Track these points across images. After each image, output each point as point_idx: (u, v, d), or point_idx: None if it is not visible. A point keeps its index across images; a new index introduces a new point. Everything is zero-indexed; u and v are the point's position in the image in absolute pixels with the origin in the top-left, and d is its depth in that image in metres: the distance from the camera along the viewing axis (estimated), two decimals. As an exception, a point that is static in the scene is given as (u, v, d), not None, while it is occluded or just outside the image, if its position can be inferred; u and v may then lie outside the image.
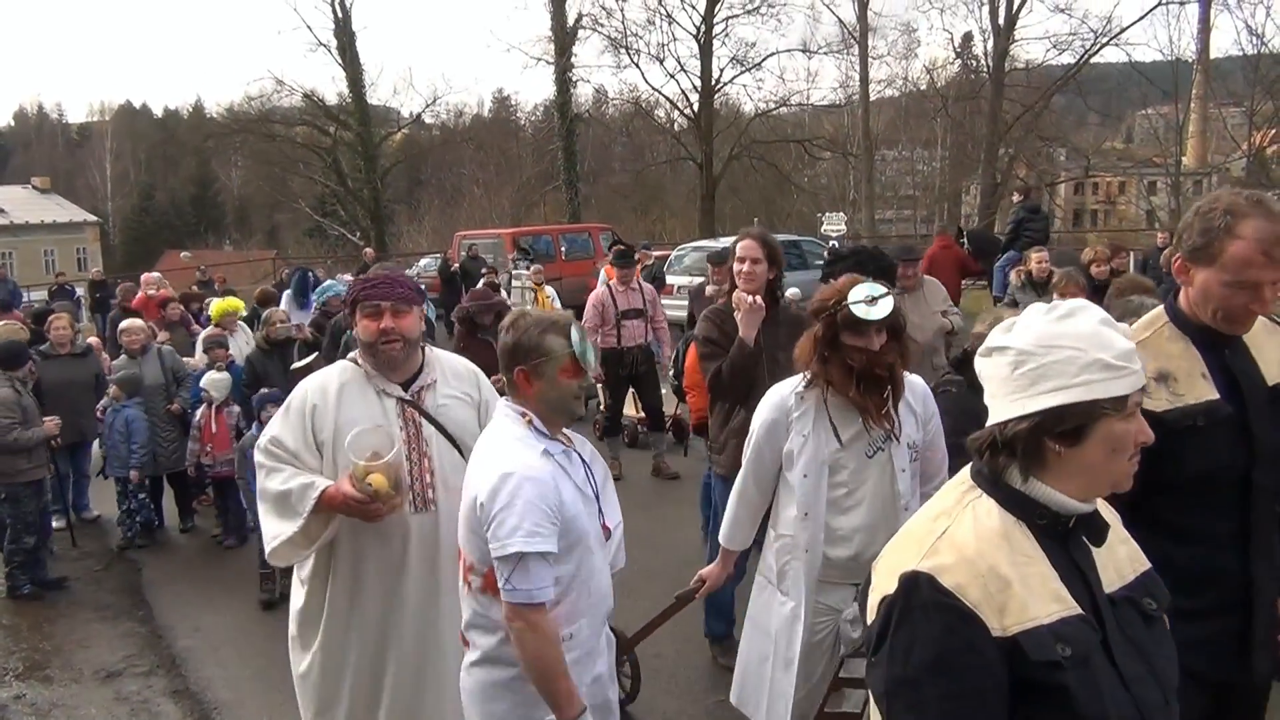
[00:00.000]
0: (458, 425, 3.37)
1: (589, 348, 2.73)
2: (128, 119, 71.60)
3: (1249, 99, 26.92)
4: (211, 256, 39.40)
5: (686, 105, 31.93)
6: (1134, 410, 1.64)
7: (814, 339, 3.18)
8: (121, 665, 5.71)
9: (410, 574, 3.29)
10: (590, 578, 2.70)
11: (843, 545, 3.23)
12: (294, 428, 3.26)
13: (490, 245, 19.89)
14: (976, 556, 1.60)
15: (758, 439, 3.34)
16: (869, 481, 3.20)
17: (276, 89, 33.61)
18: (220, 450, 7.38)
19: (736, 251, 4.49)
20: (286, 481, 3.18)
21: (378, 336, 3.21)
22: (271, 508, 3.25)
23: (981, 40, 30.22)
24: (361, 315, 3.25)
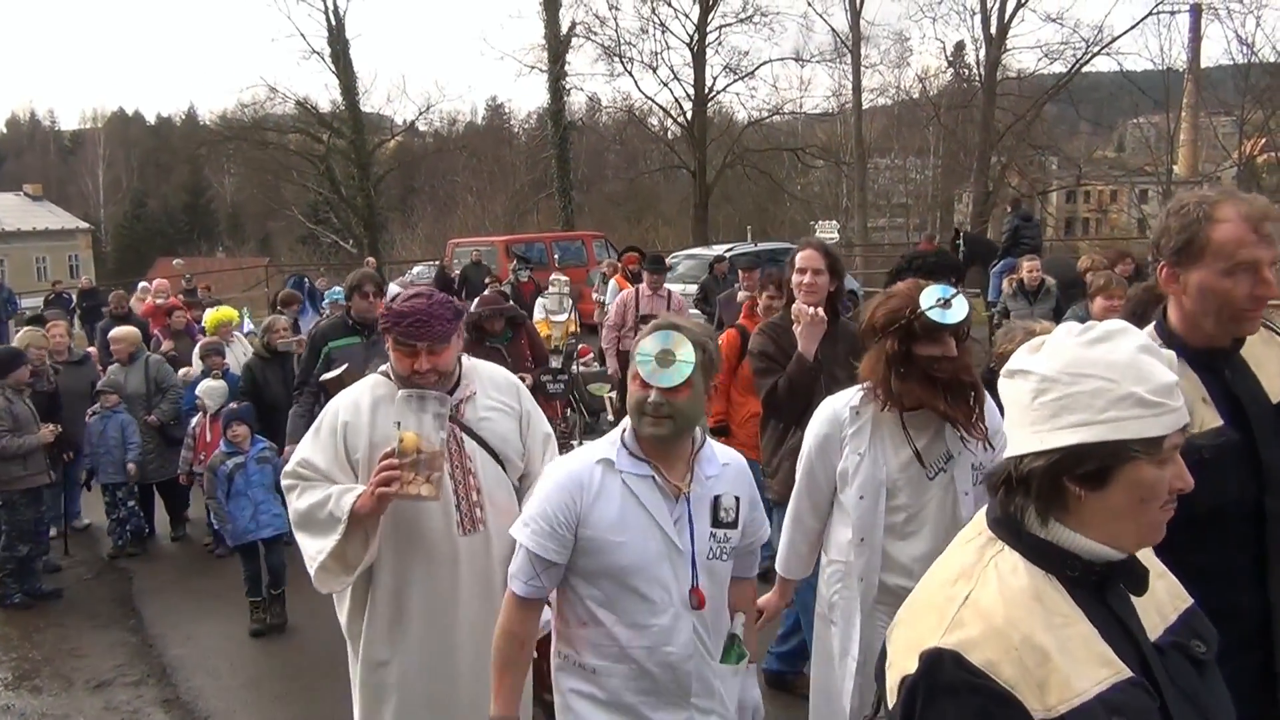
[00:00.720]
0: (500, 439, 3.20)
1: (650, 360, 2.42)
2: (120, 126, 71.51)
3: (1239, 108, 26.99)
4: (204, 264, 39.40)
5: (680, 113, 31.95)
6: (1171, 454, 1.43)
7: (885, 354, 2.90)
8: (112, 674, 5.69)
9: (462, 603, 3.10)
10: (636, 627, 2.47)
11: (901, 575, 2.95)
12: (325, 447, 3.09)
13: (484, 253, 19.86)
14: (1007, 625, 1.40)
15: (809, 456, 3.14)
16: (930, 506, 2.95)
17: (270, 96, 33.50)
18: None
19: (796, 262, 4.25)
20: (320, 494, 3.01)
21: (411, 374, 3.06)
22: (306, 525, 3.04)
23: (974, 49, 30.25)
24: (395, 347, 3.06)
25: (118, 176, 63.59)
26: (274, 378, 7.38)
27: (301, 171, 36.51)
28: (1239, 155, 27.46)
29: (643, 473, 2.48)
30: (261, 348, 7.63)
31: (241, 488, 6.15)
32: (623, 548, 2.44)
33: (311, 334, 6.52)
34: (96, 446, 7.61)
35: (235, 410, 6.42)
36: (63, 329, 8.30)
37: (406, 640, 3.11)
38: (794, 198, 37.16)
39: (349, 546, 2.96)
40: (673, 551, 2.47)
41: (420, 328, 2.99)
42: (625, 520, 2.45)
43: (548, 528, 2.45)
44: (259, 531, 6.13)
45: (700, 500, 2.53)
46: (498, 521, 3.08)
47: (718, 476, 2.58)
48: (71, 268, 47.20)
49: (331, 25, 31.56)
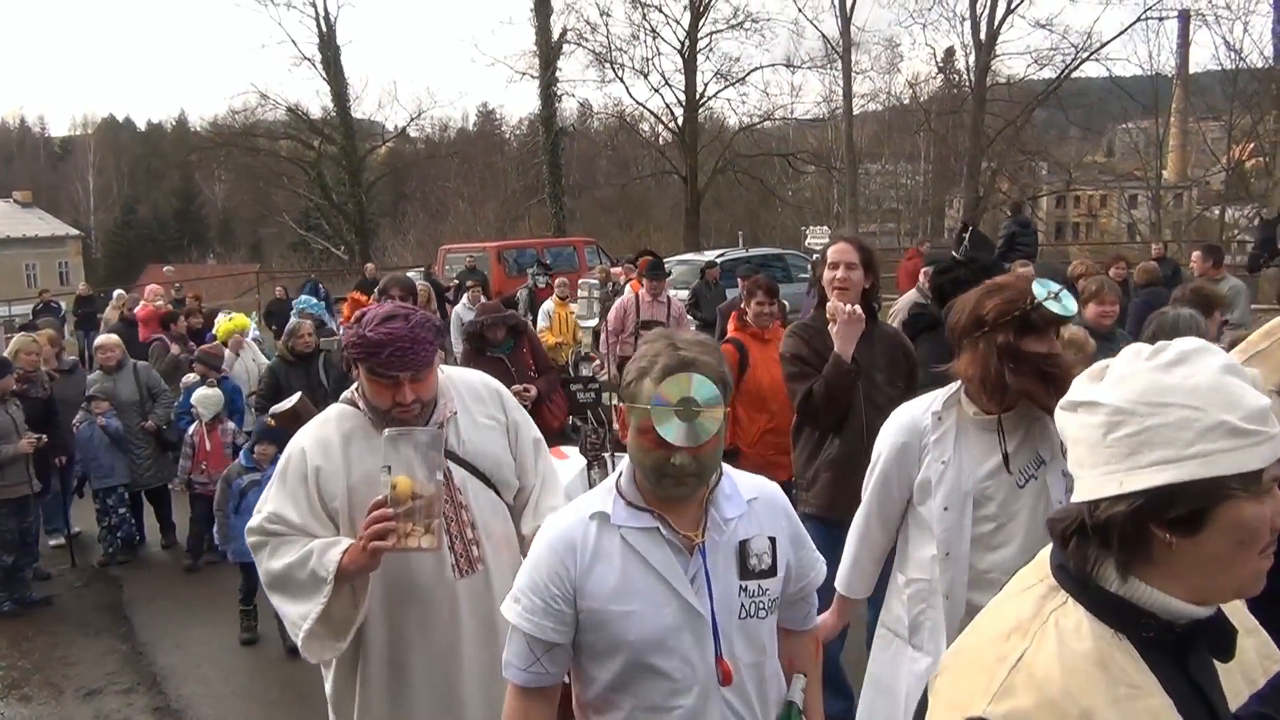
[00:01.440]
0: (491, 461, 2.80)
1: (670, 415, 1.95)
2: (110, 132, 71.33)
3: (1227, 113, 27.17)
4: (195, 271, 39.26)
5: (671, 119, 32.05)
6: (1271, 487, 1.23)
7: (996, 351, 2.65)
8: (102, 683, 5.68)
9: (465, 654, 2.71)
10: (657, 712, 2.07)
11: (991, 590, 2.72)
12: (296, 496, 2.64)
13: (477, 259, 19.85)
14: (1064, 697, 1.22)
15: (885, 468, 2.88)
16: (1021, 514, 2.72)
17: (260, 103, 33.59)
18: (215, 468, 7.23)
19: (828, 257, 3.96)
20: (298, 551, 2.57)
21: (391, 406, 2.60)
22: (283, 588, 2.61)
23: (964, 55, 30.42)
24: (370, 378, 2.61)
25: (108, 183, 63.40)
26: (297, 382, 7.08)
27: (293, 178, 36.58)
28: (1227, 160, 27.63)
29: (645, 525, 2.06)
30: (286, 351, 7.43)
31: (251, 505, 5.95)
32: (630, 619, 2.02)
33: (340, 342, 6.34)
34: (87, 453, 7.56)
35: (270, 430, 5.99)
36: (51, 338, 8.27)
37: (408, 707, 2.72)
38: (785, 203, 37.18)
39: (335, 607, 2.54)
40: (691, 617, 2.04)
41: (402, 357, 2.55)
42: (629, 586, 2.03)
43: (540, 602, 2.05)
44: None
45: (721, 549, 2.08)
46: (497, 556, 2.76)
47: (743, 516, 2.12)
48: (61, 275, 47.05)
49: (322, 31, 31.64)
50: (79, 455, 7.58)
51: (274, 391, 7.04)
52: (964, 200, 28.87)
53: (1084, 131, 34.62)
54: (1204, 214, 30.38)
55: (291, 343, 7.31)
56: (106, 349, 7.94)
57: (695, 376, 1.96)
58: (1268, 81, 22.41)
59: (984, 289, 2.77)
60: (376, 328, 2.56)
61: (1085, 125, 33.17)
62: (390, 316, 2.59)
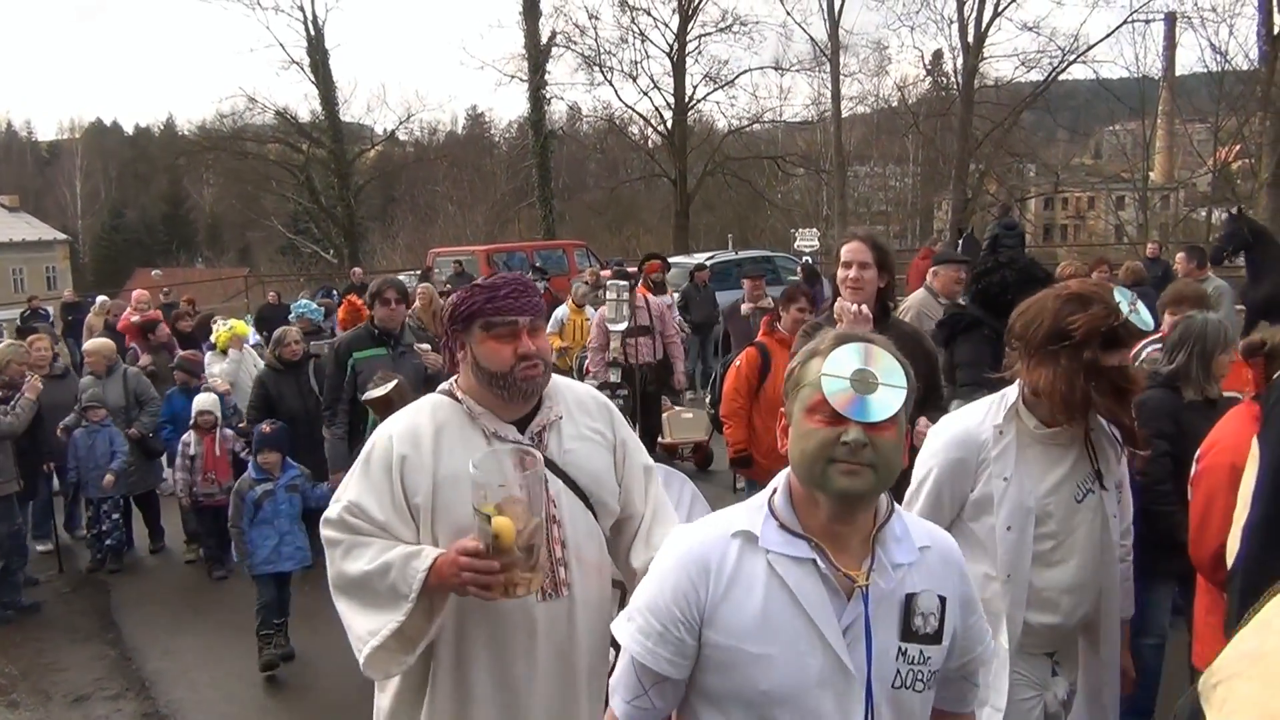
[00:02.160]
0: (591, 478, 2.47)
1: (845, 383, 1.69)
2: (98, 136, 71.05)
3: (1213, 115, 27.32)
4: (183, 275, 39.16)
5: (660, 122, 32.05)
6: None
7: (1082, 366, 2.49)
8: (90, 688, 5.65)
9: (538, 686, 2.38)
10: None
11: (1047, 610, 2.64)
12: (379, 488, 2.35)
13: (466, 262, 19.83)
14: None
15: (938, 484, 2.68)
16: (1079, 531, 2.62)
17: (249, 106, 33.46)
18: (224, 477, 7.12)
19: (842, 255, 3.83)
20: (378, 556, 2.28)
21: (514, 363, 2.33)
22: (356, 594, 2.33)
23: (951, 58, 30.52)
24: (486, 336, 2.34)
25: (96, 187, 63.16)
26: (288, 390, 7.09)
27: (281, 181, 36.47)
28: (1213, 162, 27.78)
29: (800, 554, 1.70)
30: (274, 359, 7.26)
31: (268, 515, 5.73)
32: (765, 664, 1.67)
33: (335, 346, 6.13)
34: (84, 461, 7.42)
35: (267, 435, 5.91)
36: (46, 343, 8.21)
37: None
38: (774, 206, 37.24)
39: (409, 622, 2.27)
40: (839, 675, 1.68)
41: (520, 297, 2.36)
42: (770, 624, 1.68)
43: (658, 626, 1.72)
44: (280, 564, 5.73)
45: (886, 600, 1.72)
46: (585, 584, 2.42)
47: (914, 565, 1.75)
48: (49, 279, 46.85)
49: (310, 35, 31.55)
50: (72, 463, 7.44)
51: (264, 402, 6.96)
52: (952, 202, 28.96)
53: (1071, 134, 34.91)
54: (1190, 215, 30.54)
55: (279, 351, 7.18)
56: (95, 353, 7.89)
57: (874, 348, 1.73)
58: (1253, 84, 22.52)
59: (1062, 298, 2.57)
60: (481, 282, 2.43)
61: (1072, 127, 33.44)
62: (488, 278, 2.47)
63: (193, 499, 7.22)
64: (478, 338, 2.37)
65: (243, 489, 5.80)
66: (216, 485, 7.12)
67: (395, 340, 5.83)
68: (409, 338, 6.01)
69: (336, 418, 5.89)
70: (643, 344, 8.19)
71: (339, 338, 6.40)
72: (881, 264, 3.79)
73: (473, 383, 2.42)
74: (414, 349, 5.94)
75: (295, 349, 7.17)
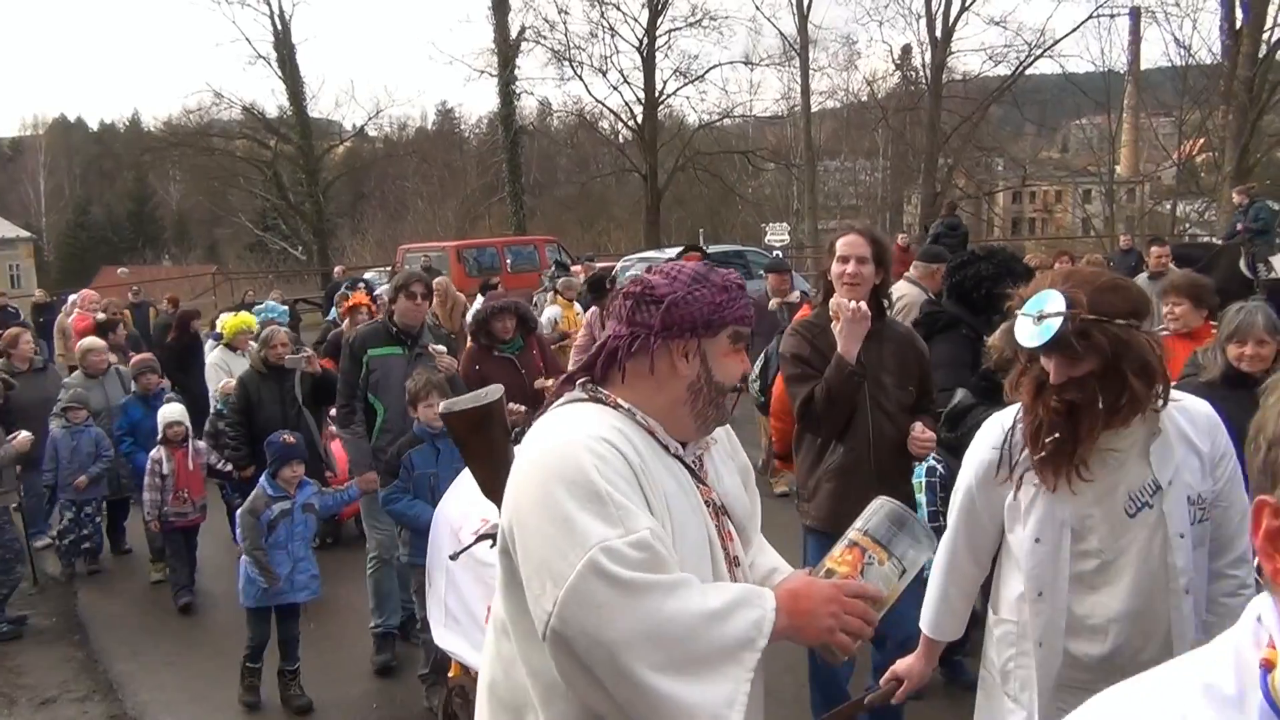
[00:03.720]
0: (744, 511, 2.10)
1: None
2: (62, 133, 70.09)
3: (1178, 109, 27.63)
4: (150, 272, 38.74)
5: (630, 117, 32.07)
6: None
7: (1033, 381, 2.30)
8: (57, 691, 5.60)
9: None
10: None
11: (1092, 639, 2.33)
12: (639, 501, 1.73)
13: (435, 258, 19.75)
14: None
15: (968, 489, 2.50)
16: (1131, 550, 2.29)
17: (215, 102, 33.17)
18: (198, 494, 6.65)
19: (837, 249, 3.62)
20: (714, 593, 1.70)
21: (738, 383, 2.01)
22: (681, 651, 1.64)
23: (920, 52, 30.69)
24: (733, 348, 1.95)
25: (60, 184, 62.38)
26: (269, 396, 6.56)
27: (249, 178, 36.22)
28: (1178, 155, 28.09)
29: None
30: (259, 362, 6.69)
31: (283, 539, 5.14)
32: None
33: (349, 341, 5.63)
34: (69, 463, 7.10)
35: (292, 446, 5.23)
36: (29, 337, 8.10)
37: None
38: (745, 200, 37.38)
39: None
40: None
41: (750, 307, 2.02)
42: None
43: None
44: (294, 594, 5.15)
45: None
46: None
47: None
48: (13, 277, 46.18)
49: (277, 30, 31.31)
50: (49, 465, 7.13)
51: (246, 406, 6.54)
52: (921, 196, 29.14)
53: (1039, 128, 35.15)
54: (1156, 208, 30.87)
55: (264, 353, 6.64)
56: (95, 351, 7.62)
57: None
58: (1216, 77, 22.79)
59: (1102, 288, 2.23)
60: (721, 280, 1.96)
61: (1040, 121, 33.70)
62: (695, 270, 1.97)
63: (162, 521, 6.53)
64: (724, 348, 1.95)
65: (256, 507, 5.13)
66: (190, 503, 6.58)
67: (413, 340, 5.47)
68: (427, 338, 5.59)
69: (354, 415, 5.47)
70: None
71: (355, 331, 5.90)
72: (879, 259, 3.63)
73: (648, 397, 1.91)
74: (429, 350, 5.52)
75: (282, 352, 6.61)
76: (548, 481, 1.71)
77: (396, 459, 4.91)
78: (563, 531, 1.65)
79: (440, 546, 4.15)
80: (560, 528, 1.66)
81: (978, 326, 4.35)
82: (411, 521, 4.81)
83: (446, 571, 4.04)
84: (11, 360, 7.76)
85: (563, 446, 1.76)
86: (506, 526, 1.81)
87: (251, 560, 5.09)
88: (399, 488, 4.85)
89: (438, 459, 4.85)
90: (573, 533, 1.64)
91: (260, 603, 5.11)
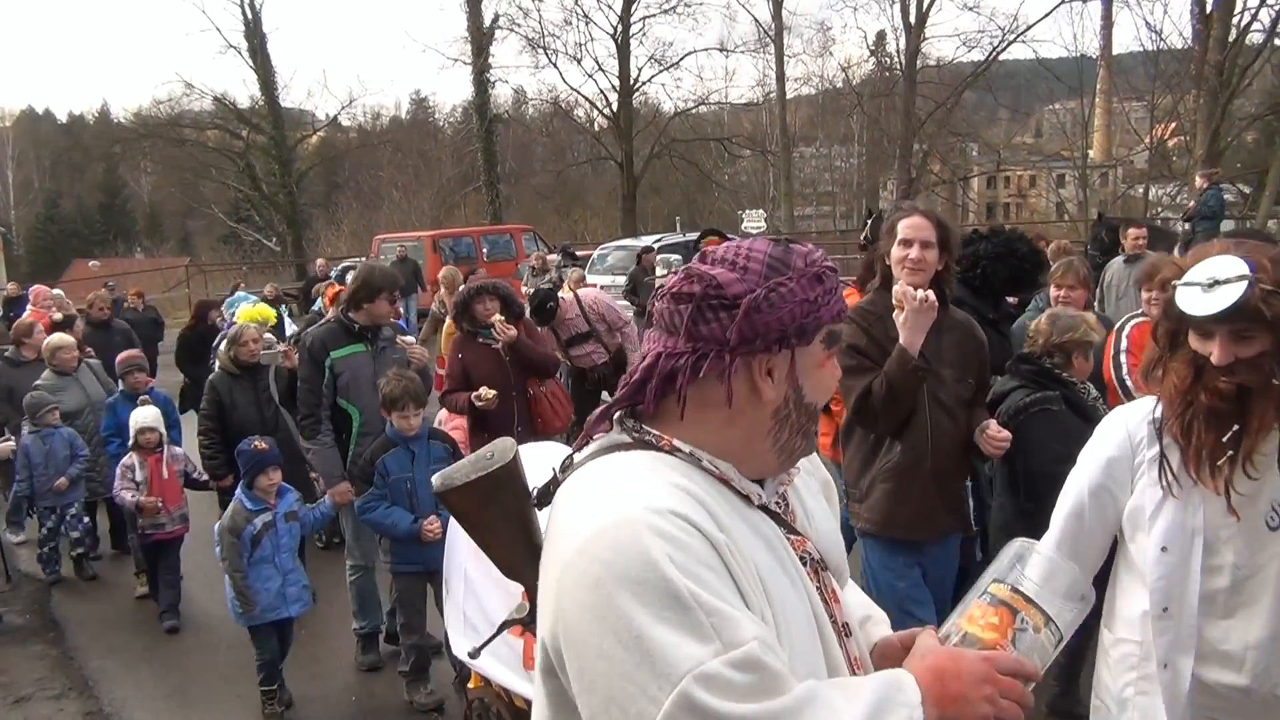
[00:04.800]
0: (838, 557, 1.63)
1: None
2: (30, 125, 69.26)
3: (1150, 94, 27.78)
4: (122, 265, 38.39)
5: (606, 105, 32.04)
6: None
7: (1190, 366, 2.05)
8: (31, 689, 5.54)
9: None
10: None
11: (1225, 666, 2.07)
12: (732, 595, 1.30)
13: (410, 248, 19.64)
14: None
15: (1080, 491, 2.25)
16: (1271, 568, 2.03)
17: (186, 92, 32.94)
18: (175, 503, 6.11)
19: (899, 231, 3.37)
20: (845, 699, 1.29)
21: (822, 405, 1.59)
22: None
23: (894, 38, 30.75)
24: (829, 353, 1.49)
25: (28, 177, 61.70)
26: (243, 398, 6.07)
27: (221, 169, 35.94)
28: (1150, 139, 28.27)
29: None
30: (229, 362, 6.17)
31: (268, 553, 4.83)
32: None
33: (308, 346, 5.24)
34: (44, 468, 6.78)
35: (266, 454, 4.89)
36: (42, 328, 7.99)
37: None
38: (721, 187, 37.40)
39: None
40: None
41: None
42: None
43: None
44: (287, 608, 4.90)
45: None
46: None
47: None
48: (-18, 272, 45.69)
49: (248, 19, 31.03)
50: (23, 474, 6.80)
51: (218, 411, 6.03)
52: (897, 182, 29.23)
53: (1012, 113, 35.27)
54: (1129, 192, 31.07)
55: (234, 352, 6.14)
56: (65, 348, 7.31)
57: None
58: (1187, 61, 22.92)
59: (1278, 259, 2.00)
60: (796, 261, 1.43)
61: (1014, 107, 33.79)
62: (771, 255, 1.45)
63: (140, 533, 6.15)
64: (817, 357, 1.46)
65: (236, 524, 4.79)
66: (167, 514, 6.05)
67: (374, 334, 5.20)
68: (389, 331, 5.33)
69: (320, 425, 5.14)
70: (587, 352, 7.78)
71: (309, 334, 5.48)
72: (944, 244, 3.38)
73: (716, 432, 1.44)
74: (394, 343, 5.29)
75: (254, 349, 6.17)
76: (605, 583, 1.24)
77: (369, 464, 4.70)
78: (637, 655, 1.21)
79: (457, 551, 3.89)
80: (633, 650, 1.21)
81: (981, 309, 4.28)
82: (390, 530, 4.65)
83: (465, 577, 3.81)
84: (21, 350, 7.67)
85: (618, 529, 1.27)
86: (550, 639, 1.34)
87: (230, 583, 4.80)
88: (375, 495, 4.65)
89: (413, 462, 4.69)
90: (652, 657, 1.21)
91: (255, 621, 4.85)
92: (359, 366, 5.10)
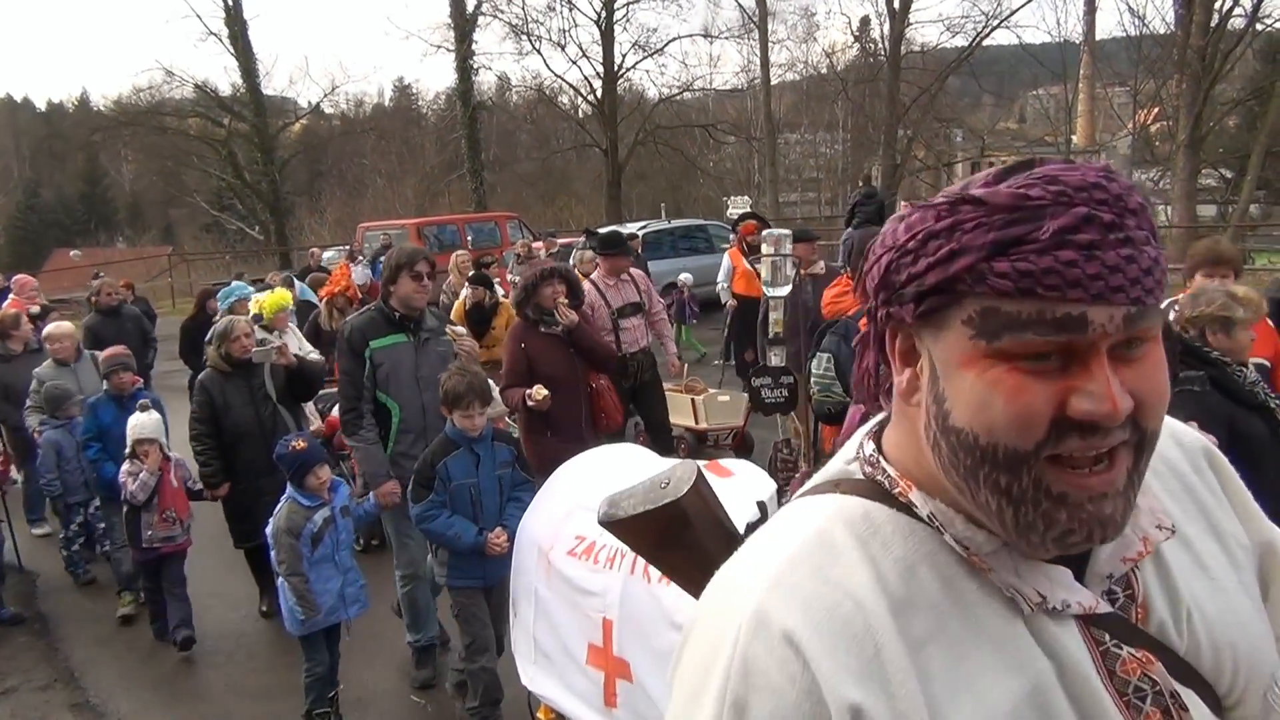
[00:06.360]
0: (1250, 665, 0.99)
1: None
2: (8, 113, 68.67)
3: (1133, 79, 27.86)
4: (104, 254, 38.12)
5: (590, 91, 31.94)
6: None
7: None
8: (17, 680, 5.54)
9: None
10: None
11: None
12: None
13: (394, 236, 19.55)
14: None
15: None
16: None
17: (166, 80, 32.64)
18: (184, 513, 5.72)
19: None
20: None
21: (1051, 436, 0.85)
22: None
23: (878, 24, 30.72)
24: (1018, 364, 0.85)
25: (8, 166, 61.22)
26: (237, 398, 5.70)
27: (203, 157, 35.67)
28: (1133, 125, 28.35)
29: None
30: (219, 359, 5.75)
31: (329, 551, 4.54)
32: None
33: (346, 336, 4.88)
34: (74, 463, 6.46)
35: (304, 452, 4.54)
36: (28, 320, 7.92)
37: None
38: (706, 174, 37.35)
39: None
40: None
41: (1117, 248, 0.83)
42: None
43: None
44: (346, 610, 4.61)
45: None
46: None
47: None
48: (-39, 262, 45.36)
49: (228, 5, 30.75)
50: (51, 473, 6.56)
51: (211, 413, 5.65)
52: (882, 168, 29.23)
53: (996, 98, 35.34)
54: (1112, 177, 31.13)
55: (225, 348, 5.73)
56: (65, 337, 7.16)
57: None
58: (1169, 47, 22.97)
59: None
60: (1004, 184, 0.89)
61: (997, 92, 33.85)
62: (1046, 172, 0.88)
63: (145, 547, 5.62)
64: (1002, 366, 0.86)
65: (295, 524, 4.46)
66: (178, 523, 5.65)
67: (416, 323, 4.89)
68: (433, 321, 5.04)
69: (361, 420, 4.81)
70: (635, 325, 6.98)
71: (348, 323, 5.02)
72: None
73: (942, 473, 0.93)
74: (438, 335, 5.01)
75: (245, 345, 5.76)
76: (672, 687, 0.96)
77: (429, 468, 4.23)
78: None
79: (526, 569, 3.58)
80: None
81: None
82: (451, 543, 4.20)
83: (535, 598, 3.49)
84: (8, 343, 7.57)
85: (707, 629, 0.95)
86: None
87: (290, 588, 4.45)
88: (435, 503, 4.19)
89: (478, 466, 4.26)
90: None
91: (314, 628, 4.52)
92: (400, 358, 4.80)
